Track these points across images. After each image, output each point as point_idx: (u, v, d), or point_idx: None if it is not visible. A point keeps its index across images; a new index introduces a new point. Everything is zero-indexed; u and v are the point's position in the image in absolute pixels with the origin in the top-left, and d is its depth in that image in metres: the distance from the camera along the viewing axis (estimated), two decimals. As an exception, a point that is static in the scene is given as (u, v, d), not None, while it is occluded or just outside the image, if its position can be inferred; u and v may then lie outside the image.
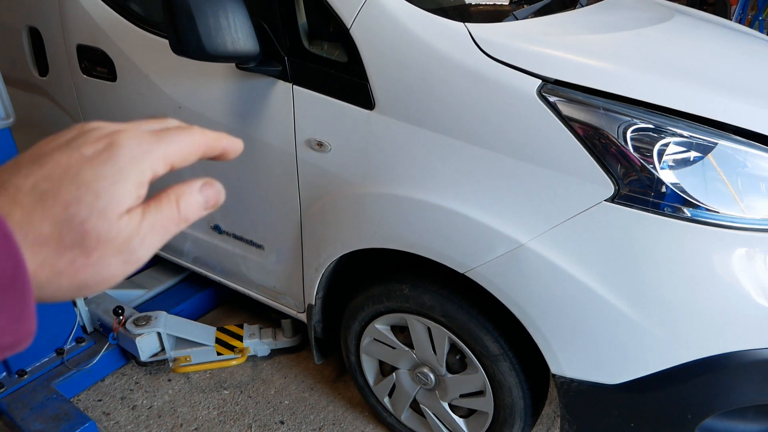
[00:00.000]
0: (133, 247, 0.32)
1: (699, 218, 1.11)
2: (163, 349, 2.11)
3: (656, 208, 1.12)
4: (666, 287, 1.14)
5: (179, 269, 2.49)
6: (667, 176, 1.12)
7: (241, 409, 2.01)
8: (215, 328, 2.21)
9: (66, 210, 0.30)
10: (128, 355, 2.20)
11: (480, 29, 1.26)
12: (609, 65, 1.22)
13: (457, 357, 1.57)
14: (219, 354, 2.14)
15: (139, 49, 1.77)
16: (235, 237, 1.90)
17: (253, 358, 2.23)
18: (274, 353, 2.25)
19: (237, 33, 1.32)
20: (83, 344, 2.12)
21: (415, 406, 1.76)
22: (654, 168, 1.12)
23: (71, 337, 2.10)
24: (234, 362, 2.13)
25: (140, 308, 2.32)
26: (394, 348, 1.68)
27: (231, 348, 2.15)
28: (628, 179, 1.13)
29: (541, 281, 1.22)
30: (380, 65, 1.30)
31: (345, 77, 1.37)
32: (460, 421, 1.65)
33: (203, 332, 2.18)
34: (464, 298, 1.43)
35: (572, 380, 1.28)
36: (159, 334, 2.08)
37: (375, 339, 1.71)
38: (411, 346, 1.64)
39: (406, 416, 1.80)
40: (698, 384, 1.17)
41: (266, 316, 2.38)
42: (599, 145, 1.14)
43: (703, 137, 1.12)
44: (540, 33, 1.35)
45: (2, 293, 0.27)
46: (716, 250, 1.12)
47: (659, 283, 1.14)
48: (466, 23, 1.27)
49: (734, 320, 1.12)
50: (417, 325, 1.57)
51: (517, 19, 1.41)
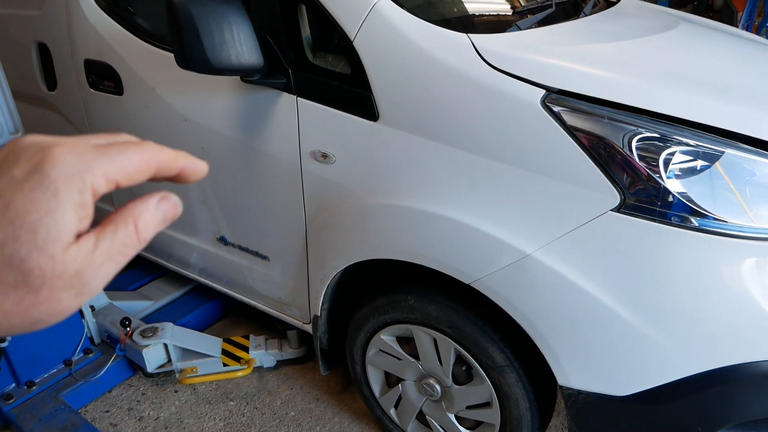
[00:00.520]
0: (86, 279, 0.30)
1: (707, 228, 1.10)
2: (170, 361, 2.11)
3: (663, 218, 1.11)
4: (674, 298, 1.12)
5: (185, 281, 2.49)
6: (674, 185, 1.11)
7: (248, 421, 2.01)
8: (221, 340, 2.22)
9: (2, 250, 0.27)
10: (135, 367, 2.20)
11: (483, 40, 1.26)
12: (613, 74, 1.22)
13: (464, 368, 1.55)
14: (225, 365, 2.14)
15: (145, 63, 1.79)
16: (241, 248, 1.90)
17: (259, 369, 2.22)
18: (280, 364, 2.25)
19: (241, 46, 1.33)
20: (91, 355, 2.13)
21: (422, 418, 1.75)
22: (660, 177, 1.11)
23: (79, 349, 2.11)
24: (240, 373, 2.13)
25: (147, 319, 2.32)
26: (400, 359, 1.67)
27: (237, 359, 2.15)
28: (634, 189, 1.12)
29: (547, 292, 1.21)
30: (384, 77, 1.31)
31: (349, 89, 1.37)
32: (467, 433, 1.64)
33: (209, 343, 2.18)
34: (470, 309, 1.42)
35: (579, 392, 1.26)
36: (166, 346, 2.09)
37: (381, 350, 1.70)
38: (417, 358, 1.63)
39: (412, 428, 1.78)
40: (708, 396, 1.15)
41: (272, 327, 2.38)
42: (604, 155, 1.13)
43: (710, 146, 1.11)
44: (543, 43, 1.35)
45: None
46: (725, 260, 1.11)
47: (667, 294, 1.13)
48: (469, 34, 1.27)
49: (744, 331, 1.11)
50: (423, 336, 1.56)
51: (521, 29, 1.41)
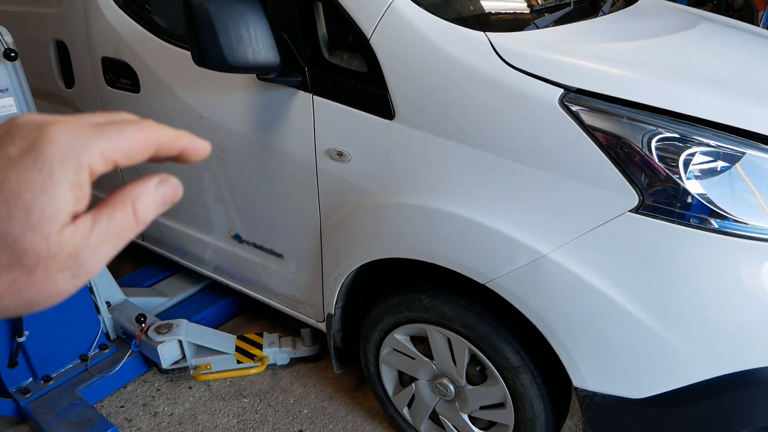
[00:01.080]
0: (82, 261, 0.29)
1: (726, 229, 1.08)
2: (184, 357, 2.13)
3: (682, 219, 1.10)
4: (692, 300, 1.11)
5: (200, 278, 2.51)
6: (694, 186, 1.09)
7: (261, 418, 2.02)
8: (235, 337, 2.23)
9: None
10: (150, 363, 2.22)
11: (501, 38, 1.25)
12: (632, 74, 1.20)
13: (478, 368, 1.55)
14: (239, 362, 2.15)
15: (162, 61, 1.80)
16: (256, 246, 1.91)
17: (273, 367, 2.23)
18: (294, 362, 2.26)
19: (258, 44, 1.34)
20: (106, 351, 2.16)
21: (435, 418, 1.75)
22: (680, 178, 1.09)
23: (95, 344, 2.13)
24: (254, 371, 2.14)
25: (162, 316, 2.34)
26: (414, 358, 1.67)
27: (251, 356, 2.16)
28: (653, 189, 1.11)
29: (564, 293, 1.20)
30: (400, 75, 1.30)
31: (365, 87, 1.37)
32: (481, 434, 1.63)
33: (224, 340, 2.19)
34: (485, 309, 1.42)
35: (595, 394, 1.25)
36: (180, 342, 2.10)
37: (394, 349, 1.70)
38: (431, 357, 1.62)
39: (426, 427, 1.78)
40: (725, 400, 1.14)
41: (286, 325, 2.39)
42: (623, 155, 1.12)
43: (731, 146, 1.10)
44: (562, 41, 1.34)
45: None
46: (744, 263, 1.09)
47: (685, 296, 1.11)
48: (487, 32, 1.26)
49: (763, 334, 1.09)
50: (437, 336, 1.55)
51: (539, 28, 1.40)
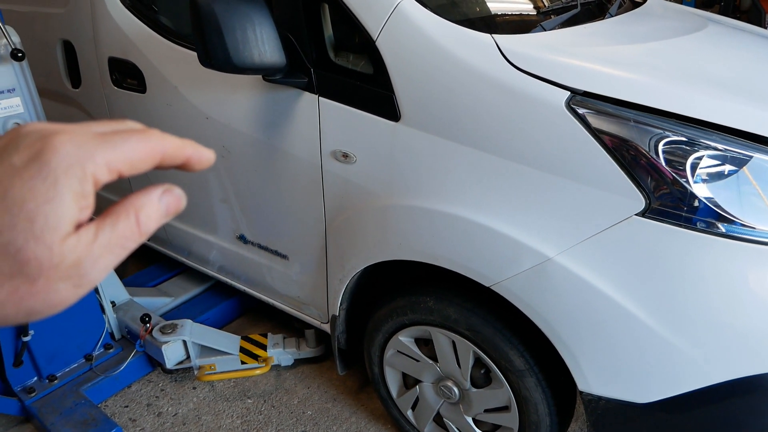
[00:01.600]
0: (84, 271, 0.29)
1: (734, 234, 1.08)
2: (189, 357, 2.13)
3: (689, 223, 1.09)
4: (699, 304, 1.10)
5: (205, 278, 2.51)
6: (701, 190, 1.09)
7: (265, 419, 2.02)
8: (240, 337, 2.23)
9: None
10: (154, 363, 2.23)
11: (507, 40, 1.25)
12: (639, 76, 1.20)
13: (482, 371, 1.54)
14: (243, 363, 2.15)
15: (168, 62, 1.80)
16: (260, 247, 1.91)
17: (277, 368, 2.23)
18: (298, 363, 2.25)
19: (264, 46, 1.34)
20: (111, 351, 2.16)
21: (439, 420, 1.74)
22: (687, 181, 1.09)
23: (99, 344, 2.14)
24: (258, 371, 2.14)
25: (166, 316, 2.35)
26: (418, 361, 1.66)
27: (255, 357, 2.16)
28: (660, 193, 1.10)
29: (569, 296, 1.19)
30: (406, 77, 1.30)
31: (370, 89, 1.37)
32: (485, 437, 1.63)
33: (228, 341, 2.19)
34: (490, 312, 1.41)
35: (600, 398, 1.25)
36: (184, 342, 2.11)
37: (399, 351, 1.70)
38: (435, 359, 1.62)
39: (429, 430, 1.78)
40: (732, 405, 1.13)
41: (290, 326, 2.39)
42: (629, 158, 1.11)
43: (738, 150, 1.09)
44: (568, 44, 1.33)
45: None
46: (752, 267, 1.08)
47: (692, 300, 1.11)
48: (493, 34, 1.26)
49: (771, 339, 1.08)
50: (441, 339, 1.55)
51: (545, 30, 1.39)
